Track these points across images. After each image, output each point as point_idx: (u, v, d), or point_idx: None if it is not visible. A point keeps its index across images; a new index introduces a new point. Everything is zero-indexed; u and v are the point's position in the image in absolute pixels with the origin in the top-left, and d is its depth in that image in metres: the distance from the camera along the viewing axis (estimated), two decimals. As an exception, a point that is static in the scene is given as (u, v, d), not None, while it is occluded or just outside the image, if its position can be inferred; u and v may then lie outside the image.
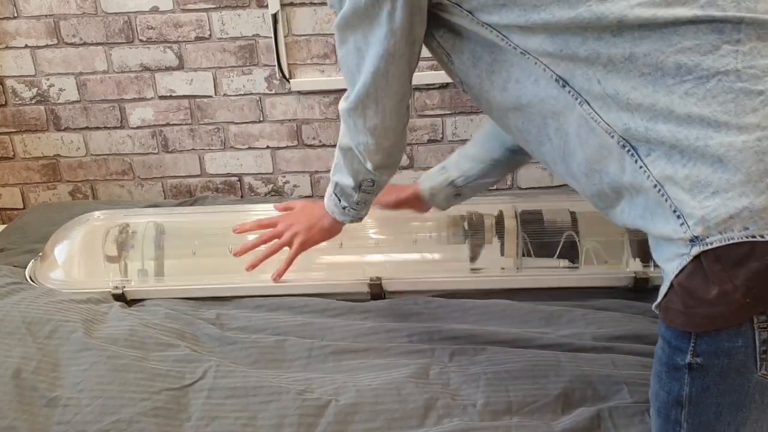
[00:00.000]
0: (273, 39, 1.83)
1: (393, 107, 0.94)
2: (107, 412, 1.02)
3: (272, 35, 1.82)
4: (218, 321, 1.23)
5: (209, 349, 1.16)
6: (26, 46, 1.85)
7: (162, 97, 1.92)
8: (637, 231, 1.27)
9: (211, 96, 1.91)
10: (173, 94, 1.91)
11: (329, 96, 1.91)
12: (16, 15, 1.82)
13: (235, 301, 1.30)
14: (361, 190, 1.08)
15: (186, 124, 1.95)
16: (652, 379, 0.84)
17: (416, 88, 1.87)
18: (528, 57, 0.79)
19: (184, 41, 1.85)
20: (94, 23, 1.83)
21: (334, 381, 1.07)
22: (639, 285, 1.26)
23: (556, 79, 0.78)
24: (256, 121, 1.94)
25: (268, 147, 1.97)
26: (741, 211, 0.69)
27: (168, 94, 1.91)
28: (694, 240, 0.71)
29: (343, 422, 1.00)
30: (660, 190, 0.74)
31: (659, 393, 0.82)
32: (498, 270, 1.34)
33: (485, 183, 1.23)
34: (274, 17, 1.80)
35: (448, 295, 1.30)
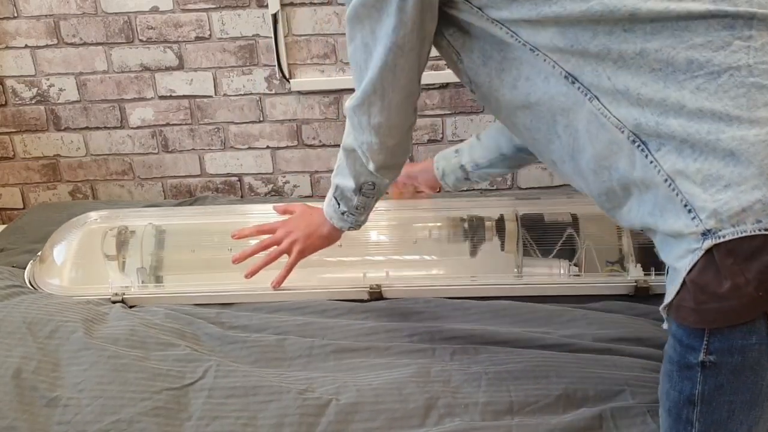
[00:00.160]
0: (273, 39, 1.82)
1: (399, 104, 0.93)
2: (107, 412, 1.02)
3: (272, 35, 1.82)
4: (219, 320, 1.23)
5: (210, 349, 1.16)
6: (26, 46, 1.85)
7: (162, 97, 1.91)
8: (639, 234, 1.30)
9: (211, 96, 1.91)
10: (173, 94, 1.91)
11: (329, 96, 1.90)
12: (16, 15, 1.82)
13: (236, 304, 1.30)
14: (362, 193, 1.08)
15: (186, 124, 1.95)
16: (662, 379, 0.84)
17: (416, 88, 1.87)
18: (537, 54, 0.79)
19: (184, 41, 1.85)
20: (94, 23, 1.83)
21: (335, 380, 1.07)
22: (640, 293, 1.26)
23: (566, 76, 0.78)
24: (256, 121, 1.94)
25: (268, 147, 1.97)
26: (754, 204, 0.69)
27: (168, 94, 1.91)
28: (707, 233, 0.71)
29: (344, 421, 1.00)
30: (671, 185, 0.74)
31: (670, 392, 0.81)
32: (498, 270, 1.34)
33: (493, 172, 1.31)
34: (274, 17, 1.80)
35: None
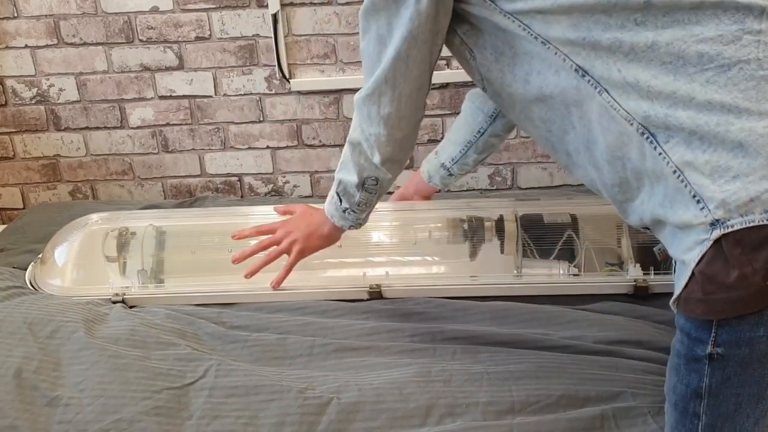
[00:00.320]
0: (273, 39, 1.82)
1: (409, 94, 0.95)
2: (108, 412, 1.02)
3: (272, 35, 1.82)
4: (220, 320, 1.23)
5: (211, 348, 1.16)
6: (26, 46, 1.85)
7: (162, 97, 1.91)
8: (638, 234, 1.30)
9: (211, 96, 1.91)
10: (173, 94, 1.91)
11: (329, 96, 1.91)
12: (16, 15, 1.82)
13: (237, 304, 1.30)
14: (364, 189, 1.08)
15: (186, 124, 1.95)
16: (669, 373, 0.84)
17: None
18: (549, 47, 0.80)
19: (184, 41, 1.85)
20: (94, 23, 1.83)
21: (336, 379, 1.07)
22: (639, 293, 1.26)
23: (576, 69, 0.79)
24: (256, 121, 1.94)
25: (268, 147, 1.97)
26: (762, 194, 0.70)
27: (168, 94, 1.91)
28: (715, 223, 0.72)
29: (345, 421, 1.00)
30: (680, 176, 0.75)
31: (677, 386, 0.82)
32: (497, 271, 1.34)
33: (468, 161, 1.37)
34: (274, 17, 1.80)
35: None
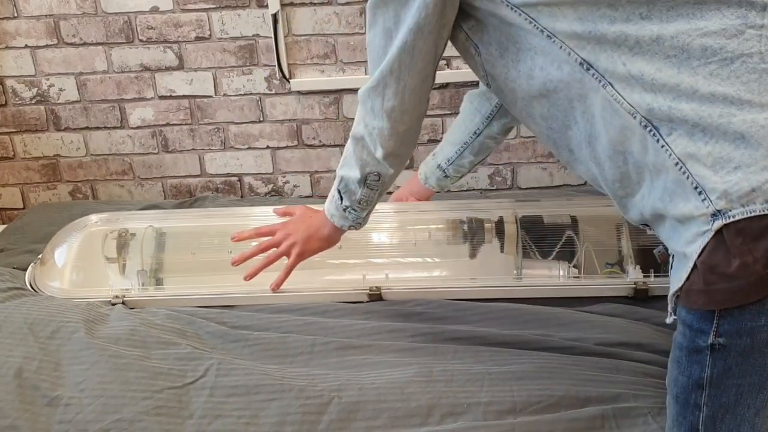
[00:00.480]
0: (273, 39, 1.82)
1: (414, 88, 0.95)
2: (109, 411, 1.02)
3: (272, 35, 1.82)
4: (220, 320, 1.23)
5: (211, 346, 1.16)
6: (26, 46, 1.85)
7: (162, 97, 1.91)
8: (638, 236, 1.30)
9: (211, 96, 1.91)
10: (173, 94, 1.91)
11: (329, 96, 1.91)
12: (16, 15, 1.82)
13: (236, 306, 1.29)
14: (366, 185, 1.09)
15: (186, 124, 1.94)
16: (670, 366, 0.85)
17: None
18: (554, 40, 0.81)
19: (184, 41, 1.85)
20: (94, 23, 1.83)
21: (338, 377, 1.07)
22: (639, 295, 1.26)
23: (581, 63, 0.80)
24: (256, 121, 1.94)
25: (268, 147, 1.97)
26: (763, 185, 0.71)
27: (168, 94, 1.91)
28: (717, 214, 0.73)
29: (346, 420, 1.00)
30: (681, 168, 0.75)
31: (678, 378, 0.83)
32: (497, 273, 1.34)
33: (464, 163, 1.37)
34: (274, 17, 1.80)
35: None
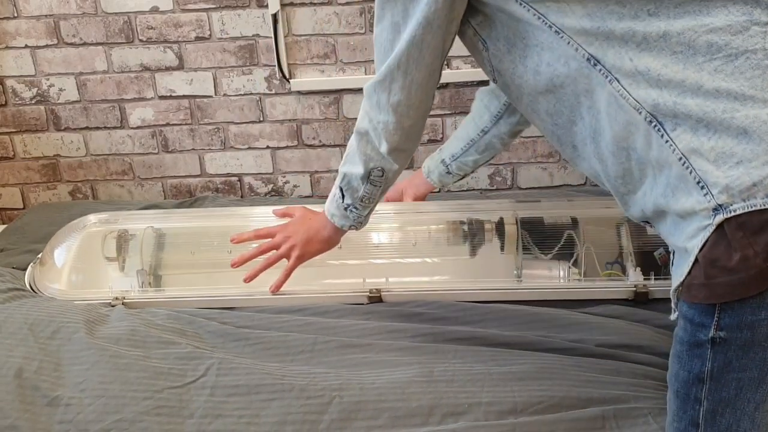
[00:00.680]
0: (273, 39, 1.82)
1: (421, 82, 0.95)
2: (109, 411, 1.02)
3: (272, 35, 1.82)
4: (221, 320, 1.23)
5: (212, 345, 1.15)
6: (26, 46, 1.85)
7: (162, 97, 1.91)
8: (638, 237, 1.30)
9: (211, 96, 1.91)
10: (173, 94, 1.91)
11: (329, 96, 1.91)
12: (16, 15, 1.82)
13: (236, 308, 1.29)
14: (369, 181, 1.08)
15: (186, 124, 1.94)
16: (671, 361, 0.85)
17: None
18: (562, 36, 0.81)
19: (184, 41, 1.85)
20: (94, 23, 1.83)
21: (338, 376, 1.07)
22: (639, 298, 1.26)
23: (588, 58, 0.81)
24: (256, 121, 1.94)
25: (268, 147, 1.97)
26: (764, 179, 0.72)
27: (168, 94, 1.91)
28: (718, 208, 0.74)
29: (347, 419, 1.00)
30: (685, 163, 0.76)
31: (679, 373, 0.83)
32: (497, 274, 1.35)
33: (468, 160, 1.38)
34: (274, 17, 1.80)
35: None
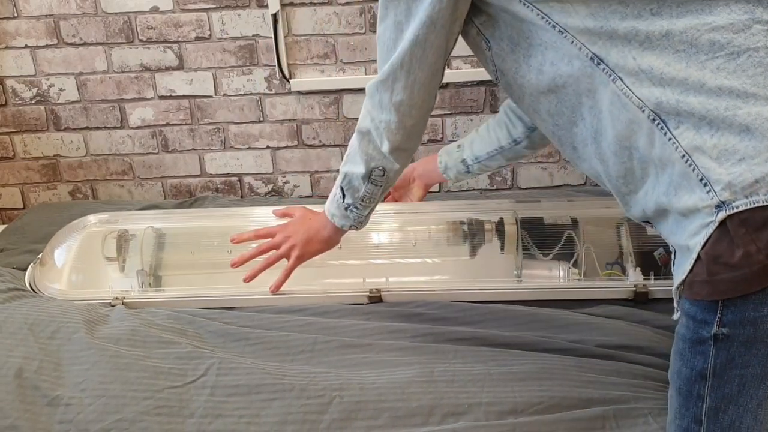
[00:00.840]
0: (273, 39, 1.82)
1: (423, 81, 0.95)
2: (110, 411, 1.02)
3: (272, 35, 1.82)
4: (221, 319, 1.23)
5: (212, 345, 1.16)
6: (26, 46, 1.85)
7: (162, 97, 1.91)
8: (638, 237, 1.30)
9: (211, 96, 1.91)
10: (173, 94, 1.91)
11: (329, 96, 1.91)
12: (16, 15, 1.82)
13: (236, 308, 1.29)
14: (370, 180, 1.08)
15: (186, 124, 1.94)
16: (673, 359, 0.85)
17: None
18: (566, 35, 0.81)
19: (184, 41, 1.85)
20: (94, 23, 1.83)
21: (339, 376, 1.07)
22: (639, 298, 1.26)
23: (591, 57, 0.81)
24: (256, 121, 1.94)
25: (268, 147, 1.97)
26: (766, 176, 0.72)
27: (168, 94, 1.91)
28: (721, 205, 0.74)
29: (347, 419, 1.01)
30: (687, 161, 0.76)
31: (682, 370, 0.83)
32: (497, 274, 1.35)
33: (491, 165, 1.36)
34: (274, 17, 1.80)
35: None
